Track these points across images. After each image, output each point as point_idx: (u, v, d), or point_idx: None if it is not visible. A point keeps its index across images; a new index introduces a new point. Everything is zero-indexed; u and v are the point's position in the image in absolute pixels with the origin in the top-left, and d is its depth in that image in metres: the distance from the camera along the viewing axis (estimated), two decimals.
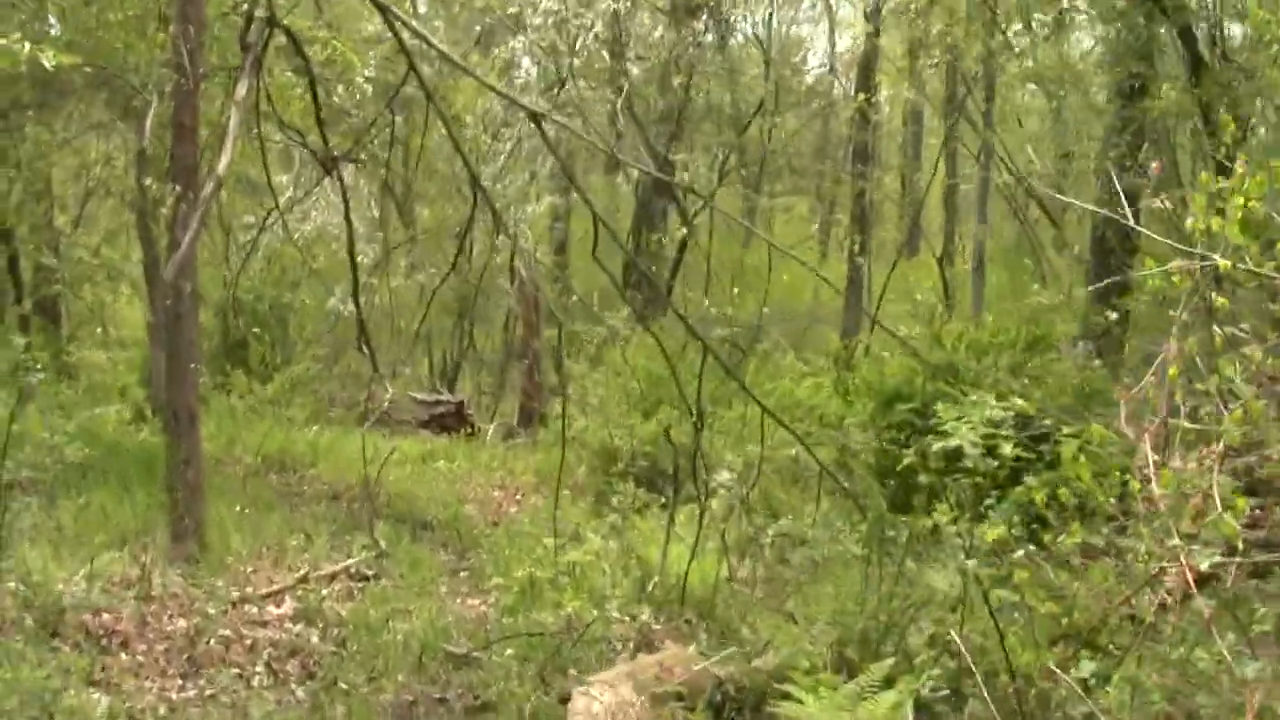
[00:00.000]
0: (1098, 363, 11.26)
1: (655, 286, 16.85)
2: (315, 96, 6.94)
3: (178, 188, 8.67)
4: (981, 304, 24.87)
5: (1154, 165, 10.27)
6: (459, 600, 9.25)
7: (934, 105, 26.94)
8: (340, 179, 6.58)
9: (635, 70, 17.67)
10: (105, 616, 7.39)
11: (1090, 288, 13.82)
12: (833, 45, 33.45)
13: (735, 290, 18.91)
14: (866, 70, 24.46)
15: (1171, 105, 11.63)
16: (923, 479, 5.66)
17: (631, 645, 7.63)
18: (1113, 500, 4.51)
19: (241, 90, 5.39)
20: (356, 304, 7.43)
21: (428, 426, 16.98)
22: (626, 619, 8.13)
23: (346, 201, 7.00)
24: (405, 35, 7.37)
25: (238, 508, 10.14)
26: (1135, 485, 4.30)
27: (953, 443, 4.84)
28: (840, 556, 7.77)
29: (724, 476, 8.56)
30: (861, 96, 22.96)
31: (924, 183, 26.18)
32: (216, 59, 10.80)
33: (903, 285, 27.85)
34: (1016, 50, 22.85)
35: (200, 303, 18.07)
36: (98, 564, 7.97)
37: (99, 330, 21.83)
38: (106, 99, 14.16)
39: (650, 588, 8.60)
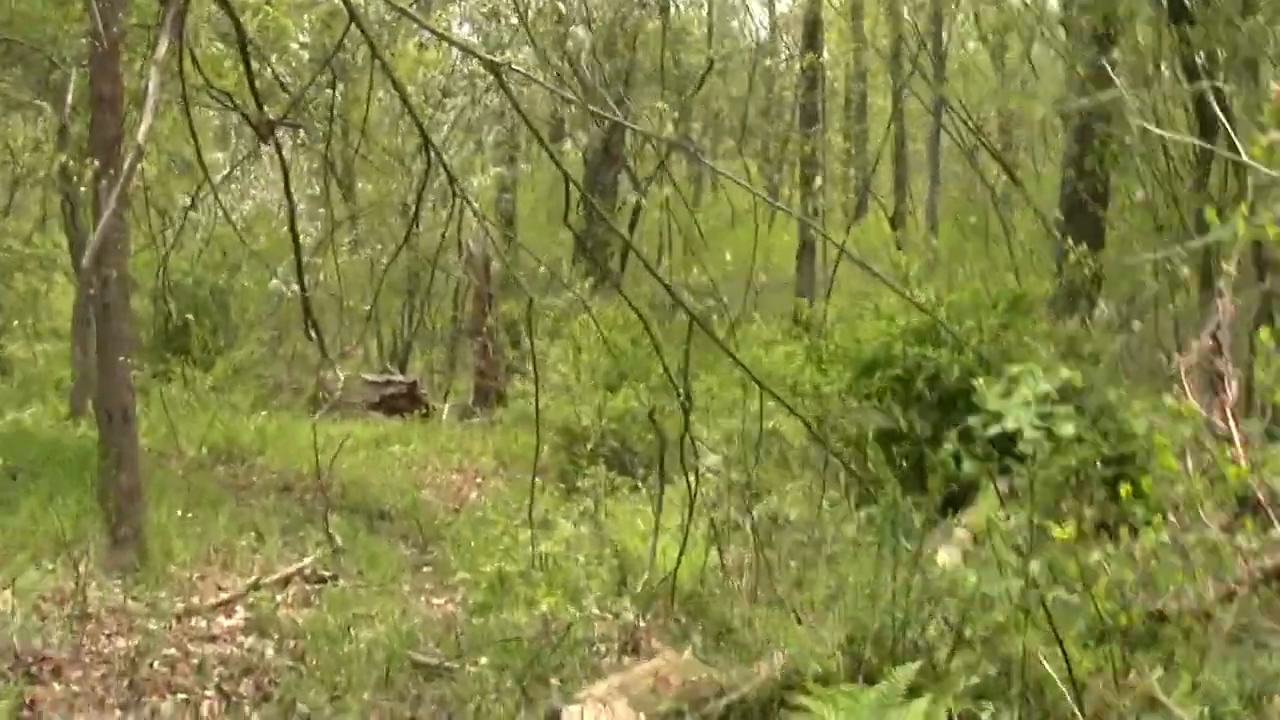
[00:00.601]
0: (1138, 325, 10.64)
1: (631, 254, 16.09)
2: (245, 53, 6.12)
3: (97, 164, 7.83)
4: (935, 264, 24.35)
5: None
6: (423, 599, 8.51)
7: (882, 61, 26.28)
8: (278, 146, 5.82)
9: (581, 34, 16.89)
10: (34, 641, 6.57)
11: (1063, 243, 13.25)
12: (772, 7, 32.79)
13: (689, 256, 18.29)
14: (812, 29, 23.79)
15: (1148, 49, 11.01)
16: (966, 468, 4.98)
17: (616, 647, 6.92)
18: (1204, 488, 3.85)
19: (162, 49, 4.59)
20: (301, 284, 6.64)
21: (379, 408, 16.17)
22: (608, 616, 7.43)
23: (286, 172, 6.23)
24: None
25: (180, 510, 9.29)
26: (1233, 471, 3.64)
27: (1009, 425, 4.15)
28: (844, 543, 7.10)
29: (712, 460, 7.84)
30: (810, 56, 22.31)
31: (876, 142, 25.55)
32: (137, 30, 9.88)
33: (854, 247, 27.32)
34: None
35: (134, 289, 17.23)
36: (26, 580, 7.15)
37: (31, 322, 20.77)
38: (22, 75, 13.14)
39: (631, 581, 7.90)
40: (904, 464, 9.89)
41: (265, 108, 5.86)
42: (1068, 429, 4.07)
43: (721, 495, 8.11)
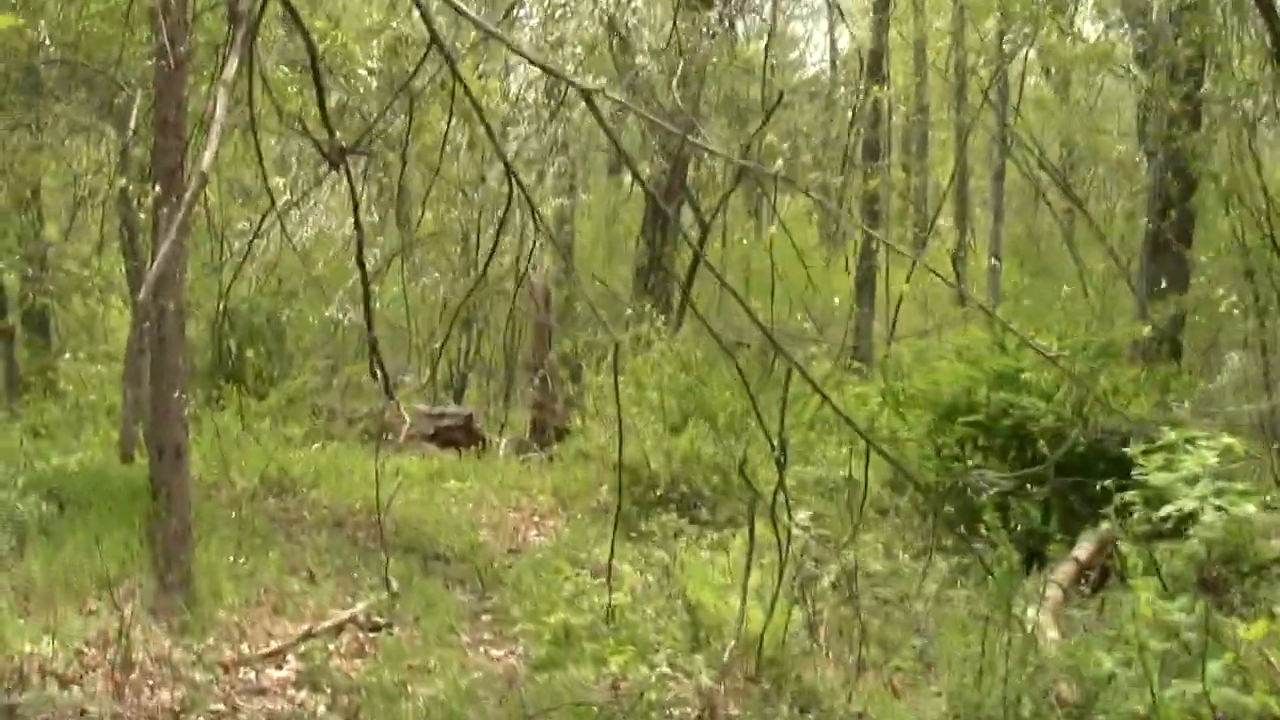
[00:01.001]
0: None
1: (694, 289, 15.60)
2: (317, 76, 5.69)
3: (158, 189, 7.45)
4: (998, 302, 23.71)
5: None
6: (482, 650, 8.01)
7: (946, 92, 25.71)
8: (348, 173, 5.39)
9: (646, 62, 16.44)
10: (75, 691, 6.14)
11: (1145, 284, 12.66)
12: (833, 40, 32.30)
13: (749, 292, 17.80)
14: (876, 60, 23.30)
15: (1243, 85, 10.44)
16: (1124, 549, 4.44)
17: (693, 715, 6.40)
18: None
19: (230, 70, 4.14)
20: (368, 316, 6.17)
21: (433, 440, 15.73)
22: (681, 676, 6.93)
23: (356, 201, 5.79)
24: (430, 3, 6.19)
25: (230, 549, 8.85)
26: None
27: (1186, 505, 3.62)
28: (930, 600, 6.56)
29: (801, 516, 7.32)
30: (876, 89, 21.81)
31: (941, 176, 24.97)
32: (205, 49, 9.53)
33: (915, 285, 26.72)
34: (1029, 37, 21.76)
35: (190, 314, 16.92)
36: (69, 625, 6.73)
37: (89, 344, 20.54)
38: (85, 98, 12.86)
39: (704, 637, 7.39)
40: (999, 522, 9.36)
41: (335, 133, 5.41)
42: (1246, 508, 3.55)
43: (805, 549, 7.58)
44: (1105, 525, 9.12)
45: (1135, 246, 17.73)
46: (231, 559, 8.88)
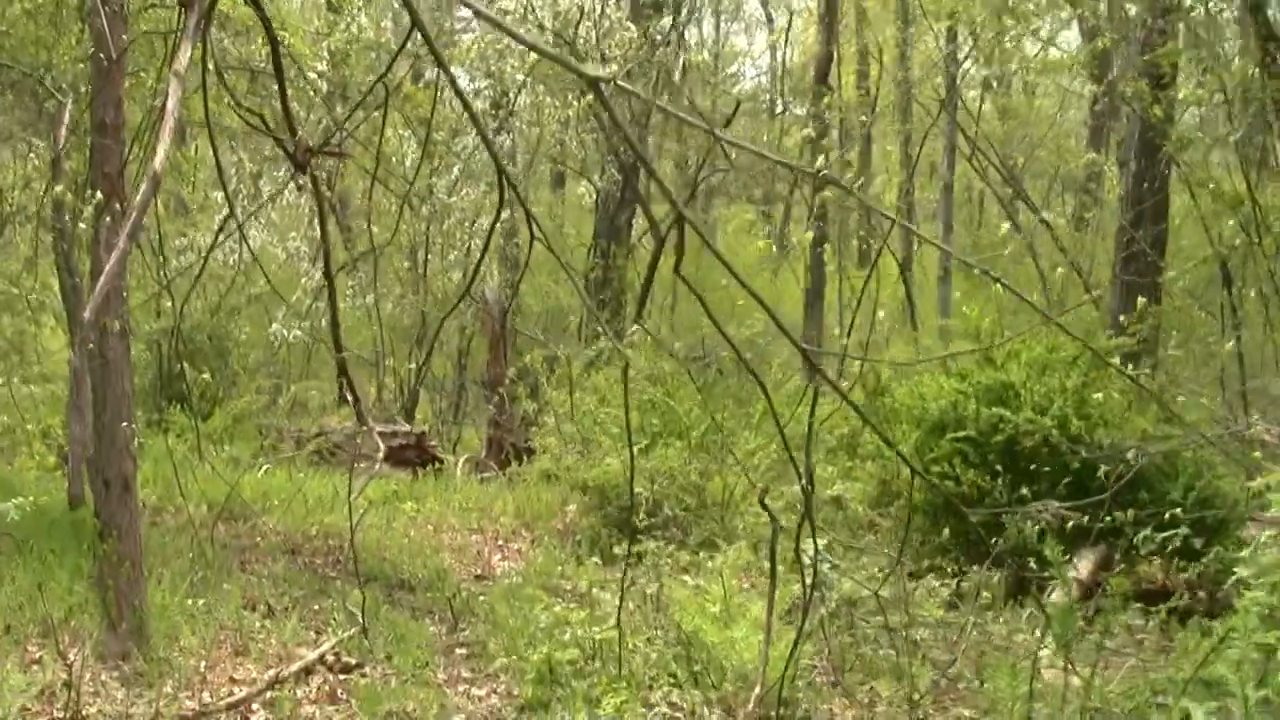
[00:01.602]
0: None
1: (648, 300, 15.04)
2: (279, 70, 5.08)
3: (99, 196, 6.77)
4: (949, 316, 23.36)
5: None
6: (462, 689, 7.39)
7: (891, 103, 25.37)
8: (314, 178, 4.77)
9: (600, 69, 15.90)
10: None
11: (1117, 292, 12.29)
12: (774, 52, 31.96)
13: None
14: (825, 68, 22.96)
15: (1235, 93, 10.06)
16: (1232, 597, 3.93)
17: None
18: None
19: (183, 58, 3.53)
20: (335, 335, 5.58)
21: (386, 460, 15.03)
22: (684, 717, 6.37)
23: (322, 204, 5.20)
24: None
25: (184, 592, 8.15)
26: None
27: None
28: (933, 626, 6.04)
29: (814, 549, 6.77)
30: (825, 100, 21.42)
31: (888, 190, 24.64)
32: (144, 45, 8.83)
33: (848, 292, 26.38)
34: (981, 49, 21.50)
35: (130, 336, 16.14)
36: (12, 680, 6.03)
37: (20, 366, 19.59)
38: (11, 105, 12.05)
39: (704, 670, 6.84)
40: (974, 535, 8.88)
41: (296, 134, 4.80)
42: None
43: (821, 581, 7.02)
44: (1101, 545, 8.72)
45: (1095, 256, 17.49)
46: (186, 596, 8.20)
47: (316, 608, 8.83)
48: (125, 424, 6.96)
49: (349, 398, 5.73)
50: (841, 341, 19.91)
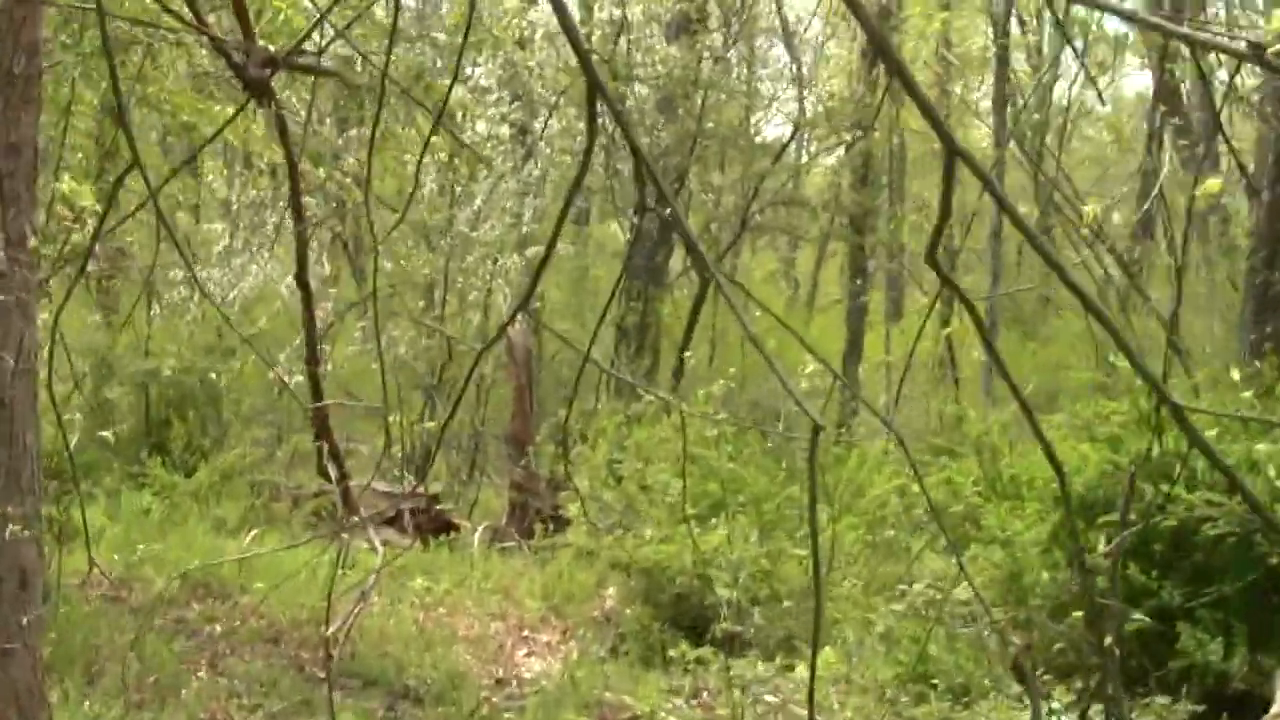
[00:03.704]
0: None
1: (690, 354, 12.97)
2: None
3: None
4: (992, 376, 21.29)
5: None
6: None
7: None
8: (276, 102, 2.88)
9: (642, 90, 13.91)
10: None
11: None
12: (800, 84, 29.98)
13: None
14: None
15: None
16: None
17: None
18: None
19: None
20: (312, 352, 3.63)
21: (393, 525, 12.90)
22: None
23: (287, 143, 3.29)
24: None
25: (119, 710, 6.05)
26: None
27: None
28: None
29: None
30: (859, 134, 19.39)
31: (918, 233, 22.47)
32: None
33: (884, 349, 24.32)
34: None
35: (110, 376, 14.05)
36: None
37: None
38: None
39: None
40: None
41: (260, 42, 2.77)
42: None
43: None
44: None
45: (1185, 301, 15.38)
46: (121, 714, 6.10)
47: None
48: (30, 495, 4.89)
49: (323, 450, 3.87)
50: (885, 398, 17.76)
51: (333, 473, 7.46)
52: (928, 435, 15.03)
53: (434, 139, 13.72)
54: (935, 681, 6.64)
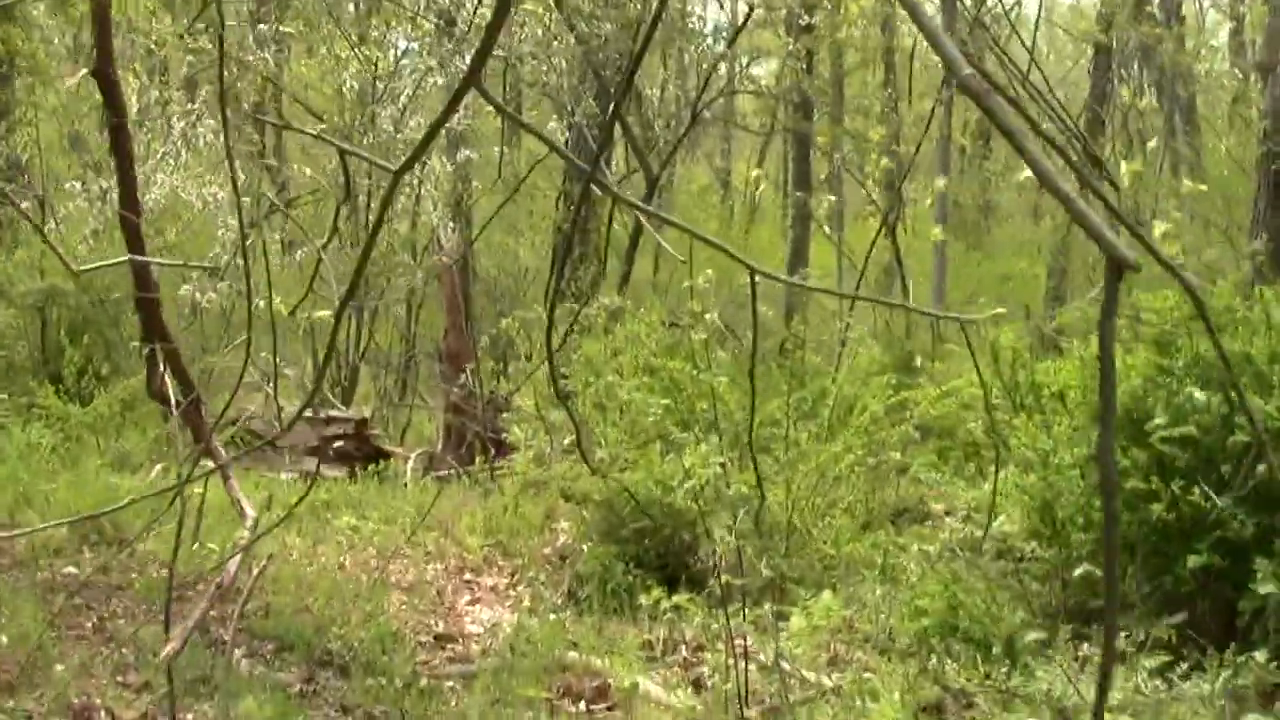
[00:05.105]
0: None
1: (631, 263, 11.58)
2: None
3: None
4: (945, 275, 20.13)
5: None
6: None
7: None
8: None
9: None
10: None
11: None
12: None
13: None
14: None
15: None
16: None
17: None
18: None
19: None
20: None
21: (316, 453, 11.47)
22: None
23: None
24: None
25: None
26: None
27: None
28: None
29: None
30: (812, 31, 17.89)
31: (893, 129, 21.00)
32: None
33: (828, 257, 23.17)
34: None
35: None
36: None
37: None
38: None
39: None
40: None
41: None
42: None
43: None
44: None
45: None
46: None
47: (190, 701, 5.44)
48: None
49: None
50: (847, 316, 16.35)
51: (172, 391, 6.02)
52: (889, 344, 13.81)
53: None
54: (965, 630, 5.43)
